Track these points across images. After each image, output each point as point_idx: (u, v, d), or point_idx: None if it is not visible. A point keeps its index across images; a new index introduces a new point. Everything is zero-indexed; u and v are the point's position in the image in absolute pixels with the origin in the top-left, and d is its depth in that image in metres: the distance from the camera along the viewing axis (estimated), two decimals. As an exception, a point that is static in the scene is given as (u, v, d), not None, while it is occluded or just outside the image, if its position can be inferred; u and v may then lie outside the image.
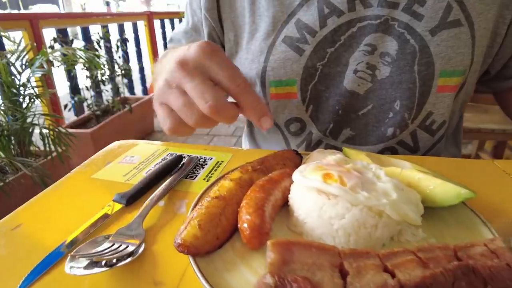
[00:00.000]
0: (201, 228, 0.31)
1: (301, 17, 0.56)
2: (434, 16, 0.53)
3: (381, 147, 0.63)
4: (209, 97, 0.33)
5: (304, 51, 0.57)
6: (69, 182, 0.49)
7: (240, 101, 0.35)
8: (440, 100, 0.58)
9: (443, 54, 0.54)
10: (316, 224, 0.32)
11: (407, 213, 0.31)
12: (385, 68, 0.56)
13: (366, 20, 0.55)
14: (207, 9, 0.62)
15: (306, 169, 0.35)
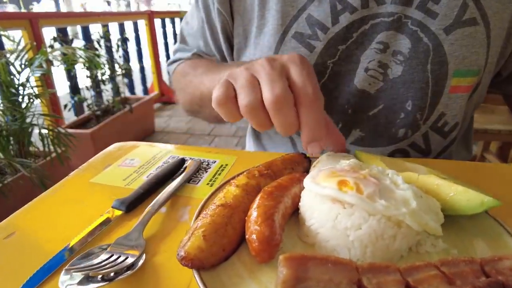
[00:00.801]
0: (206, 239, 0.29)
1: (312, 12, 0.54)
2: (449, 14, 0.51)
3: (392, 149, 0.60)
4: (278, 87, 0.33)
5: (315, 48, 0.55)
6: (67, 186, 0.47)
7: (301, 113, 0.34)
8: (453, 101, 0.56)
9: (457, 53, 0.52)
10: (330, 235, 0.29)
11: (428, 223, 0.29)
12: (397, 67, 0.54)
13: (379, 17, 0.53)
14: (220, 3, 0.60)
15: (319, 175, 0.33)
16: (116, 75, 2.95)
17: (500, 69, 0.60)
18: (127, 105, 2.89)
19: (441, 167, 0.51)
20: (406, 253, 0.30)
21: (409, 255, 0.30)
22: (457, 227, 0.34)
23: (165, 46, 4.40)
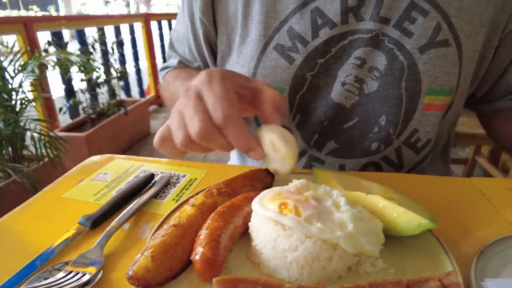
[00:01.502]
0: (154, 260, 0.30)
1: (294, 25, 0.56)
2: (424, 35, 0.53)
3: (365, 162, 0.62)
4: (195, 123, 0.35)
5: (294, 60, 0.57)
6: (39, 202, 0.49)
7: (223, 132, 0.36)
8: (426, 118, 0.58)
9: (430, 73, 0.54)
10: (272, 255, 0.31)
11: (364, 246, 0.30)
12: (372, 83, 0.56)
13: (358, 33, 0.55)
14: (202, 12, 0.62)
15: (266, 197, 0.34)
16: (112, 78, 2.97)
17: (474, 90, 0.62)
18: (122, 108, 2.90)
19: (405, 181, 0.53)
20: (344, 273, 0.32)
21: (348, 275, 0.32)
22: (400, 245, 0.36)
23: (161, 48, 4.41)
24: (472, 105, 0.68)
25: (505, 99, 0.62)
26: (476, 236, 0.40)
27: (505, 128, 0.64)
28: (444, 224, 0.41)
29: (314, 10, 0.55)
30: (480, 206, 0.47)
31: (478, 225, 0.43)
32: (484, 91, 0.64)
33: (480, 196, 0.49)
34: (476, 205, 0.47)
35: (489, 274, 0.32)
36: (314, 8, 0.55)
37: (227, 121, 0.35)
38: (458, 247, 0.37)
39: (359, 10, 0.54)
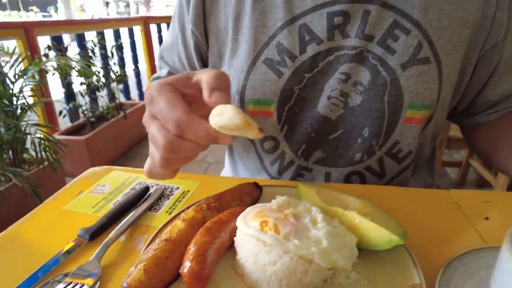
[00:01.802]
0: (146, 273, 0.33)
1: (282, 40, 0.59)
2: (406, 52, 0.56)
3: (349, 171, 0.65)
4: (159, 144, 0.35)
5: (283, 74, 0.60)
6: (41, 214, 0.52)
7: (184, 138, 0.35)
8: (407, 131, 0.61)
9: (412, 88, 0.57)
10: (253, 269, 0.34)
11: (337, 260, 0.34)
12: (357, 97, 0.59)
13: (343, 49, 0.57)
14: (194, 24, 0.64)
15: (249, 214, 0.37)
16: (111, 82, 3.00)
17: (456, 104, 0.66)
18: (122, 111, 2.93)
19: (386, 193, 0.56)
20: (320, 285, 0.35)
21: (324, 286, 0.35)
22: (374, 257, 0.39)
23: (160, 51, 4.43)
24: (454, 118, 0.72)
25: (484, 114, 0.66)
26: (447, 248, 0.43)
27: (482, 142, 0.67)
28: (418, 236, 0.45)
29: (301, 26, 0.58)
30: (455, 219, 0.50)
31: (451, 238, 0.46)
32: (464, 106, 0.67)
33: (456, 208, 0.52)
34: (451, 217, 0.50)
35: (452, 286, 0.35)
36: (302, 24, 0.58)
37: (181, 127, 0.34)
38: (429, 259, 0.40)
39: (344, 28, 0.57)
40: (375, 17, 0.55)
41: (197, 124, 0.34)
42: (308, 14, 0.57)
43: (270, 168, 0.69)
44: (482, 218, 0.49)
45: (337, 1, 0.56)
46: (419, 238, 0.44)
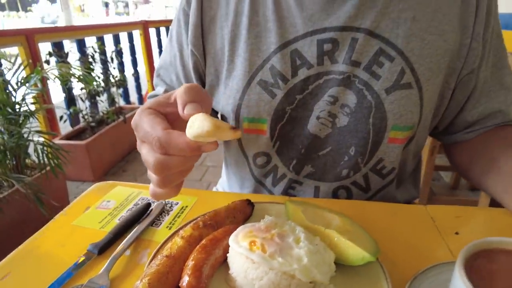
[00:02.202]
0: (150, 286, 0.39)
1: (275, 64, 0.64)
2: (390, 78, 0.61)
3: (337, 185, 0.70)
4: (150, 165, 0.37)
5: (276, 95, 0.65)
6: (53, 229, 0.57)
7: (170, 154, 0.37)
8: (390, 150, 0.66)
9: (395, 111, 0.62)
10: (243, 283, 0.39)
11: (315, 276, 0.39)
12: (344, 118, 0.64)
13: (332, 74, 0.62)
14: (193, 45, 0.69)
15: (240, 234, 0.43)
16: (111, 86, 3.04)
17: (437, 123, 0.71)
18: (121, 115, 2.98)
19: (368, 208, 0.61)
20: (302, 296, 0.40)
21: (305, 297, 0.40)
22: (351, 271, 0.44)
23: (159, 54, 4.48)
24: (435, 136, 0.77)
25: (462, 132, 0.71)
26: (418, 262, 0.48)
27: (460, 158, 0.73)
28: (393, 250, 0.50)
29: (293, 51, 0.63)
30: (429, 233, 0.55)
31: (423, 251, 0.51)
32: (444, 125, 0.72)
33: (430, 223, 0.57)
34: (425, 232, 0.55)
35: (417, 297, 0.40)
36: (294, 49, 0.63)
37: (163, 145, 0.36)
38: (400, 271, 0.45)
39: (333, 54, 0.62)
40: (362, 45, 0.60)
41: (177, 138, 0.36)
42: (299, 40, 0.62)
43: (264, 180, 0.74)
44: (453, 233, 0.55)
45: (327, 29, 0.61)
46: (393, 251, 0.50)
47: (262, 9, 0.64)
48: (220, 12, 0.67)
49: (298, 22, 0.62)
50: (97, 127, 2.84)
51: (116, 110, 3.19)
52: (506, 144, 0.65)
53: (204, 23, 0.68)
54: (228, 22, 0.66)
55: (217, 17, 0.67)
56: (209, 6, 0.67)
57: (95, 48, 2.84)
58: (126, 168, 2.91)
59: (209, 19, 0.68)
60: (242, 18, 0.65)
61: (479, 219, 0.60)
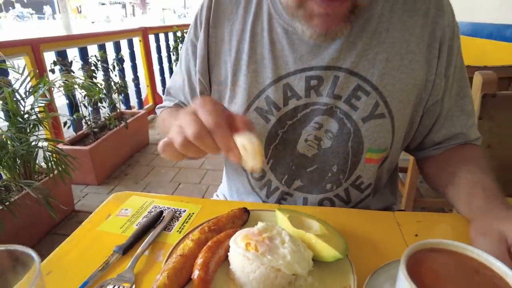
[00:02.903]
0: (169, 279, 0.50)
1: (270, 94, 0.75)
2: (366, 109, 0.72)
3: (322, 197, 0.82)
4: (191, 129, 0.51)
5: (270, 120, 0.76)
6: (81, 234, 0.68)
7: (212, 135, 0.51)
8: (367, 168, 0.77)
9: (370, 137, 0.74)
10: (241, 275, 0.51)
11: (297, 270, 0.50)
12: (327, 141, 0.76)
13: (317, 105, 0.74)
14: (201, 74, 0.81)
15: (238, 237, 0.54)
16: (113, 93, 3.14)
17: (408, 143, 0.83)
18: (123, 120, 3.08)
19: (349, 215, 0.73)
20: (287, 286, 0.51)
21: (289, 287, 0.52)
22: (326, 266, 0.55)
23: (158, 60, 4.58)
24: (409, 152, 0.89)
25: (430, 149, 0.83)
26: (381, 259, 0.59)
27: (428, 171, 0.85)
28: (363, 249, 0.61)
29: (285, 85, 0.74)
30: (393, 236, 0.66)
31: (386, 251, 0.62)
32: (415, 145, 0.84)
33: (396, 227, 0.69)
34: (390, 234, 0.67)
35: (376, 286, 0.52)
36: (286, 83, 0.74)
37: (215, 127, 0.50)
38: (365, 267, 0.55)
39: (319, 88, 0.73)
40: (343, 82, 0.72)
41: (226, 132, 0.51)
42: (290, 76, 0.74)
43: (259, 192, 0.86)
44: (413, 235, 0.66)
45: (314, 68, 0.73)
46: (362, 250, 0.61)
47: (260, 48, 0.75)
48: (224, 48, 0.78)
49: (290, 61, 0.73)
50: (100, 132, 2.95)
51: (117, 115, 3.30)
52: (464, 161, 0.77)
53: (210, 56, 0.80)
54: (231, 58, 0.77)
55: (221, 52, 0.79)
56: (215, 42, 0.79)
57: (98, 56, 2.95)
58: (128, 172, 3.01)
59: (215, 53, 0.79)
60: (242, 55, 0.76)
61: (437, 224, 0.71)
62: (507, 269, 0.44)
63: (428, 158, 0.85)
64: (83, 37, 3.09)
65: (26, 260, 0.36)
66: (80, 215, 2.40)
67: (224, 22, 0.78)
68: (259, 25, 0.75)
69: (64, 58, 2.72)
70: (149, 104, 4.41)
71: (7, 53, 2.32)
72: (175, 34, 4.83)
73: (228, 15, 0.77)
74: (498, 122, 1.22)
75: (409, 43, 0.71)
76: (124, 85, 3.26)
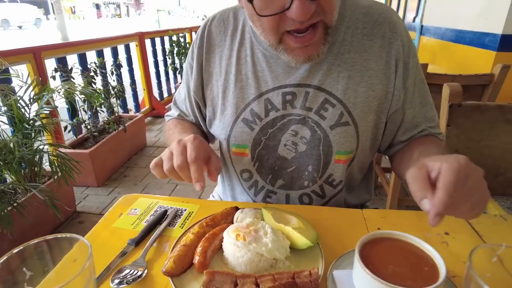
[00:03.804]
0: (175, 263, 0.63)
1: (254, 107, 0.89)
2: (333, 118, 0.86)
3: (301, 193, 0.96)
4: (177, 161, 0.68)
5: (254, 129, 0.90)
6: (100, 229, 0.81)
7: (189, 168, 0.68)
8: (337, 167, 0.91)
9: (337, 141, 0.87)
10: (232, 260, 0.64)
11: (276, 255, 0.64)
12: (302, 146, 0.89)
13: (292, 116, 0.88)
14: (194, 92, 0.97)
15: (230, 229, 0.67)
16: (111, 98, 3.25)
17: (380, 147, 0.97)
18: (121, 124, 3.19)
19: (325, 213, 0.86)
20: (269, 268, 0.65)
21: (271, 269, 0.65)
22: (301, 252, 0.69)
23: (154, 64, 4.69)
24: (382, 153, 1.03)
25: (397, 147, 0.97)
26: (346, 247, 0.73)
27: (396, 163, 0.97)
28: (332, 240, 0.75)
29: (266, 99, 0.88)
30: (359, 229, 0.80)
31: (351, 241, 0.75)
32: (384, 148, 0.98)
33: (362, 222, 0.83)
34: (357, 228, 0.80)
35: (340, 267, 0.65)
36: (266, 98, 0.88)
37: (192, 162, 0.67)
38: (333, 253, 0.69)
39: (293, 102, 0.87)
40: (312, 96, 0.86)
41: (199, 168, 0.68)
42: (270, 92, 0.88)
43: (248, 191, 1.00)
44: (376, 228, 0.80)
45: (288, 85, 0.87)
46: (331, 240, 0.75)
47: (244, 70, 0.90)
48: (215, 70, 0.93)
49: (269, 80, 0.88)
50: (99, 136, 3.06)
51: (116, 118, 3.41)
52: (421, 144, 0.90)
53: (204, 76, 0.95)
54: (221, 78, 0.92)
55: (213, 74, 0.93)
56: (208, 65, 0.94)
57: (97, 63, 3.06)
58: (127, 174, 3.13)
59: (208, 74, 0.94)
60: (230, 76, 0.91)
61: (396, 219, 0.85)
62: (433, 251, 0.58)
63: (396, 152, 0.99)
64: (82, 43, 3.19)
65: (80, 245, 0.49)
66: (82, 215, 2.51)
67: (215, 49, 0.93)
68: (243, 51, 0.90)
69: (64, 65, 2.83)
70: (145, 107, 4.52)
71: (11, 61, 2.43)
72: (170, 38, 4.95)
73: (218, 43, 0.93)
74: (464, 129, 1.36)
75: (368, 62, 0.85)
76: (122, 89, 3.37)
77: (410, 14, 5.23)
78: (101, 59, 3.14)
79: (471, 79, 2.05)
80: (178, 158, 0.68)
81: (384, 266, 0.58)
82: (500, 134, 1.33)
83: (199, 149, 0.69)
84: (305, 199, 0.97)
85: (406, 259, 0.59)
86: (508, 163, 1.34)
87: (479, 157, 1.36)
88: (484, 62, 2.93)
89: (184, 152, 0.68)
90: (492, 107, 1.32)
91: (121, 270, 0.66)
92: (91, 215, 2.52)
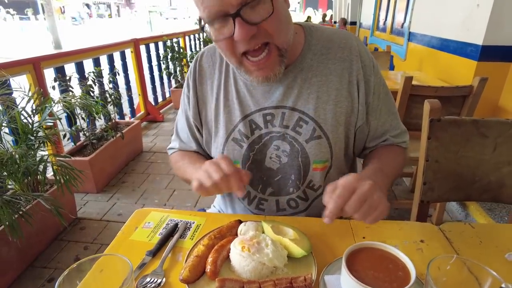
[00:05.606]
0: (190, 272, 0.74)
1: (241, 128, 1.03)
2: (307, 133, 1.00)
3: (288, 198, 1.09)
4: (212, 178, 0.81)
5: (243, 146, 1.03)
6: (119, 242, 0.91)
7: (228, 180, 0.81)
8: (315, 174, 1.04)
9: (313, 153, 1.01)
10: (238, 268, 0.75)
11: (276, 263, 0.75)
12: (284, 158, 1.03)
13: (273, 133, 1.02)
14: (193, 118, 1.10)
15: (236, 242, 0.79)
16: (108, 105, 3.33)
17: (354, 153, 1.10)
18: (118, 130, 3.27)
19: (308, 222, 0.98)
20: (270, 274, 0.76)
21: (272, 275, 0.76)
22: (297, 260, 0.80)
23: (149, 70, 4.76)
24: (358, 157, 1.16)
25: (367, 151, 1.12)
26: (336, 255, 0.85)
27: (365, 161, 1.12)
28: (323, 248, 0.86)
29: (250, 120, 1.02)
30: (347, 239, 0.91)
31: (340, 251, 0.87)
32: (358, 154, 1.13)
33: (349, 231, 0.95)
34: (345, 238, 0.92)
35: (330, 273, 0.77)
36: (250, 119, 1.02)
37: (232, 174, 0.80)
38: (324, 260, 0.81)
39: (272, 121, 1.01)
40: (288, 115, 1.00)
41: (237, 179, 0.82)
42: (253, 114, 1.02)
43: (243, 201, 1.12)
44: (361, 238, 0.92)
45: (267, 107, 1.01)
46: (323, 250, 0.86)
47: (230, 96, 1.04)
48: (208, 98, 1.08)
49: (251, 104, 1.02)
50: (97, 143, 3.13)
51: (113, 125, 3.49)
52: (388, 149, 1.07)
53: (199, 104, 1.09)
54: (213, 104, 1.06)
55: (207, 101, 1.08)
56: (202, 94, 1.08)
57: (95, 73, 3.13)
58: (125, 180, 3.21)
59: (202, 102, 1.09)
60: (220, 102, 1.05)
61: (379, 229, 0.97)
62: (406, 258, 0.70)
63: (365, 155, 1.14)
64: (79, 52, 3.26)
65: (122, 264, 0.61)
66: (83, 221, 2.59)
67: (207, 80, 1.08)
68: (228, 81, 1.04)
69: (63, 75, 2.90)
70: (141, 112, 4.59)
71: (11, 72, 2.50)
72: (164, 43, 5.03)
73: (208, 75, 1.07)
74: (443, 142, 1.49)
75: (333, 83, 0.99)
76: (119, 97, 3.45)
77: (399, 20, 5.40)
78: (98, 68, 3.21)
79: (452, 91, 2.21)
80: (217, 174, 0.80)
81: (365, 272, 0.70)
82: (475, 146, 1.46)
83: (232, 164, 0.83)
84: (292, 203, 1.09)
85: (384, 266, 0.71)
86: (483, 172, 1.48)
87: (456, 167, 1.49)
88: (466, 71, 3.09)
89: (219, 169, 0.81)
90: (468, 121, 1.45)
91: (143, 279, 0.77)
92: (92, 221, 2.60)
